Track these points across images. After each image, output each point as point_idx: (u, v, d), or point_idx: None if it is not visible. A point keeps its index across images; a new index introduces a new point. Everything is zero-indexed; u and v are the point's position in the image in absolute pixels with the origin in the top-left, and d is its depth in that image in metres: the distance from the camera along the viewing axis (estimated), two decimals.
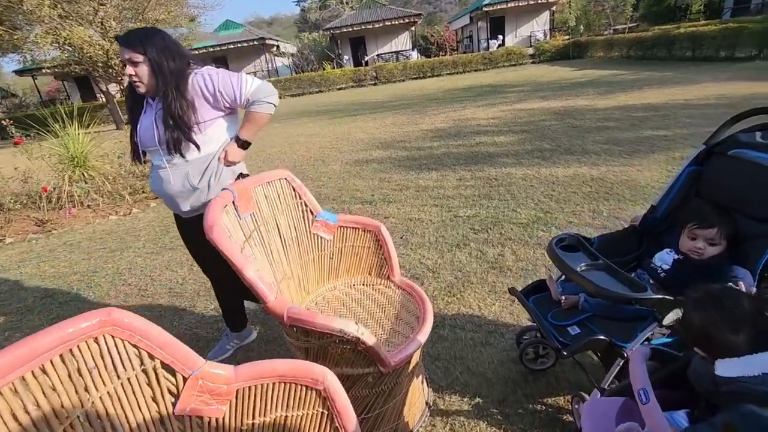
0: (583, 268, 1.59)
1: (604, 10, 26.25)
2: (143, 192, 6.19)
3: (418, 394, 1.89)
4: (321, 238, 2.06)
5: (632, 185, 4.27)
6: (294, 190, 2.00)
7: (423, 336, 1.67)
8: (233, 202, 1.66)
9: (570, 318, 1.73)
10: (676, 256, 1.65)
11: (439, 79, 20.75)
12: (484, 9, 26.97)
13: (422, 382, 1.95)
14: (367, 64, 27.28)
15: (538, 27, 28.50)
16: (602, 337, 1.55)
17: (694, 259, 1.59)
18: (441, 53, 28.97)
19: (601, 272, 1.57)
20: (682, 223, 1.67)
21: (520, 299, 1.89)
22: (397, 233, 3.90)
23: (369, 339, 1.40)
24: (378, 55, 28.92)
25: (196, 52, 26.39)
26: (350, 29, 27.81)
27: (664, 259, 1.68)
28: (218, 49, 27.38)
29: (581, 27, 26.76)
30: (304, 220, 2.04)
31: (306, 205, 2.02)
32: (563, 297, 1.79)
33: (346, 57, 29.14)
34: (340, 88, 21.78)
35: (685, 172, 1.82)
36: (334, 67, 25.04)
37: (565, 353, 1.54)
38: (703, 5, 24.73)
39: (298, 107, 16.23)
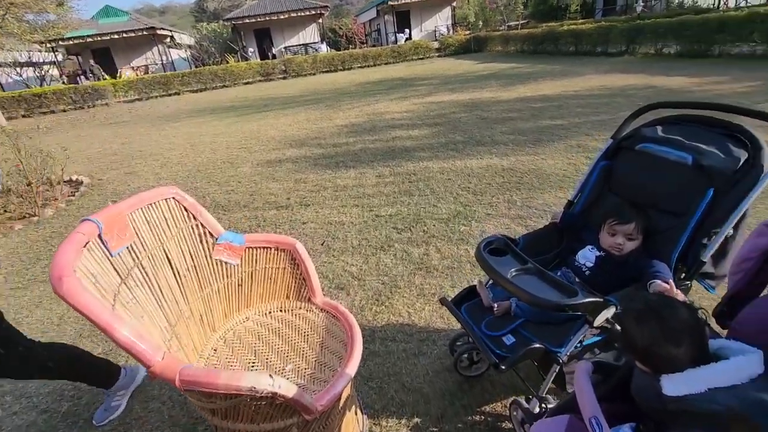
0: (514, 274, 1.52)
1: (498, 7, 28.10)
2: (4, 211, 5.12)
3: (352, 427, 1.70)
4: (226, 263, 1.75)
5: (539, 174, 4.50)
6: (186, 210, 1.67)
7: (352, 368, 1.48)
8: (99, 236, 1.30)
9: (504, 326, 1.66)
10: (598, 253, 1.66)
11: (351, 72, 20.54)
12: (390, 3, 27.29)
13: (356, 413, 1.76)
14: (274, 57, 26.05)
15: (441, 21, 29.64)
16: (538, 345, 1.50)
17: (615, 255, 1.61)
18: (351, 46, 28.76)
19: (532, 277, 1.51)
20: (602, 219, 1.68)
21: (452, 310, 1.79)
22: (317, 239, 3.65)
23: (288, 390, 1.17)
24: (286, 48, 27.81)
25: (71, 42, 22.94)
26: (254, 20, 26.31)
27: (587, 256, 1.68)
28: (99, 39, 24.11)
29: (480, 23, 28.37)
30: (202, 244, 1.71)
31: (203, 226, 1.70)
32: (495, 304, 1.72)
33: (251, 49, 27.54)
34: (247, 83, 20.49)
35: (598, 166, 1.85)
36: (238, 60, 23.50)
37: (503, 367, 1.46)
38: (579, 6, 27.68)
39: (201, 104, 14.92)
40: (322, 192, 4.79)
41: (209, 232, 1.71)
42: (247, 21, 26.33)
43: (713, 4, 17.51)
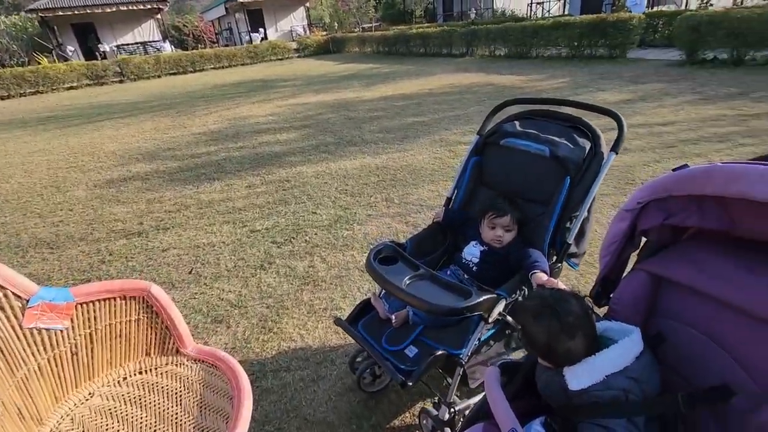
0: (408, 282, 1.46)
1: (351, 9, 28.87)
2: None
3: None
4: (47, 331, 1.32)
5: (411, 170, 4.67)
6: None
7: (243, 426, 1.23)
8: None
9: (404, 337, 1.59)
10: (482, 248, 1.71)
11: (203, 74, 18.79)
12: (240, 1, 25.75)
13: None
14: (105, 57, 22.31)
15: (297, 22, 29.17)
16: (440, 352, 1.46)
17: (497, 248, 1.67)
18: (200, 46, 26.31)
19: (426, 283, 1.47)
20: (481, 214, 1.73)
21: (348, 330, 1.66)
22: (183, 268, 3.15)
23: None
24: (119, 47, 24.09)
25: None
26: (71, 12, 22.11)
27: (472, 252, 1.72)
28: None
29: (335, 24, 28.77)
30: (4, 312, 1.25)
31: (1, 287, 1.24)
32: (392, 315, 1.64)
33: (71, 48, 23.13)
34: (70, 87, 17.09)
35: (469, 163, 1.91)
36: (54, 61, 19.49)
37: (410, 384, 1.39)
38: (423, 11, 30.19)
39: (5, 115, 11.92)
40: (184, 211, 4.19)
41: (13, 293, 1.25)
42: (61, 14, 22.02)
43: (527, 14, 20.78)
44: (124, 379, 1.48)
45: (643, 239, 1.11)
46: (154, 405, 1.37)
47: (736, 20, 8.04)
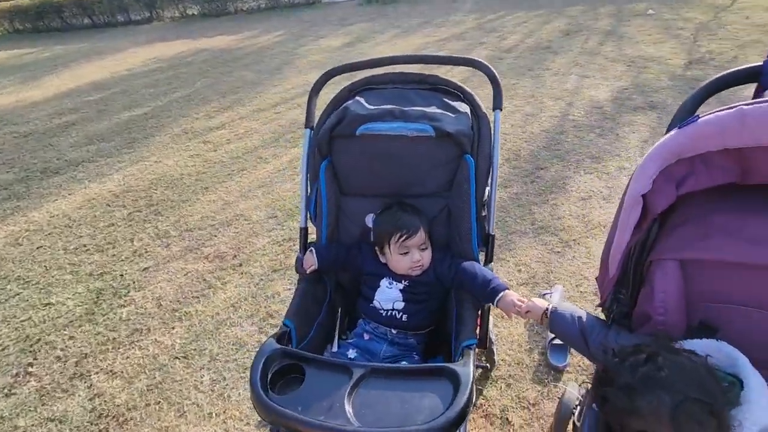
0: (353, 412, 0.88)
1: None
2: None
3: None
4: None
5: (167, 183, 3.52)
6: None
7: None
8: None
9: None
10: (401, 285, 1.22)
11: None
12: None
13: None
14: None
15: None
16: None
17: (422, 277, 1.22)
18: None
19: (377, 392, 0.92)
20: (380, 240, 1.22)
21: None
22: None
23: None
24: None
25: None
26: None
27: (390, 296, 1.22)
28: None
29: None
30: None
31: None
32: None
33: None
34: None
35: (321, 171, 1.31)
36: None
37: None
38: None
39: None
40: None
41: None
42: None
43: None
44: None
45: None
46: None
47: None
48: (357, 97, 1.31)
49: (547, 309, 0.98)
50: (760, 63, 0.88)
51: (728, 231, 0.78)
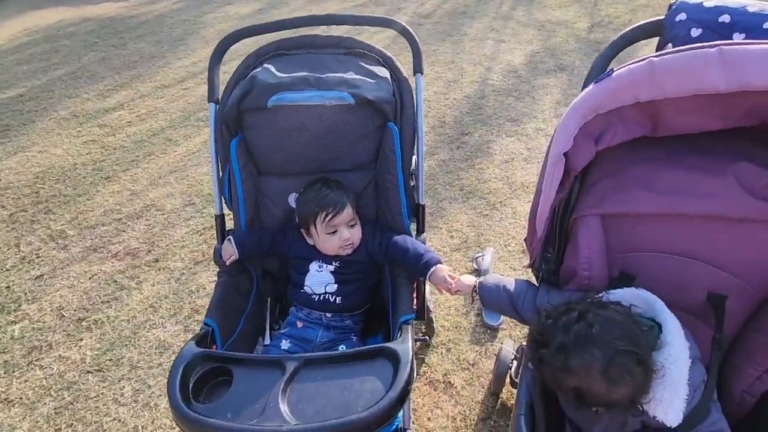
0: (287, 409, 0.82)
1: None
2: None
3: None
4: None
5: (58, 175, 3.06)
6: None
7: None
8: None
9: None
10: (332, 267, 1.14)
11: None
12: None
13: None
14: None
15: None
16: None
17: (351, 257, 1.15)
18: None
19: (313, 385, 0.86)
20: (305, 222, 1.12)
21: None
22: None
23: None
24: None
25: None
26: None
27: (322, 280, 1.14)
28: None
29: None
30: None
31: None
32: None
33: None
34: None
35: (232, 149, 1.16)
36: None
37: None
38: None
39: None
40: None
41: None
42: None
43: None
44: None
45: None
46: None
47: None
48: (266, 65, 1.17)
49: (474, 285, 0.98)
50: (662, 17, 0.90)
51: (642, 184, 0.81)
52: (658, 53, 0.72)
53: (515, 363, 1.39)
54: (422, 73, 1.18)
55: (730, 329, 0.83)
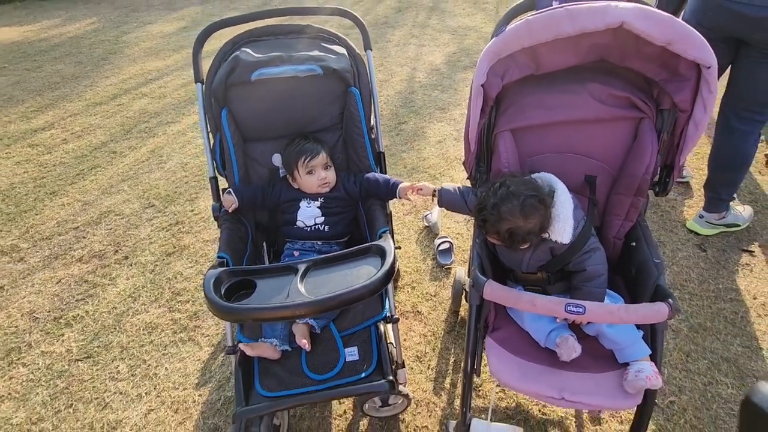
0: (306, 290, 1.07)
1: None
2: None
3: None
4: None
5: None
6: None
7: None
8: None
9: (331, 350, 1.22)
10: (317, 203, 1.40)
11: None
12: None
13: None
14: None
15: None
16: (372, 327, 1.23)
17: (332, 193, 1.42)
18: None
19: (321, 274, 1.12)
20: (288, 167, 1.38)
21: (259, 410, 1.10)
22: None
23: None
24: None
25: None
26: None
27: (311, 213, 1.39)
28: None
29: None
30: None
31: None
32: (301, 341, 1.19)
33: None
34: None
35: (223, 118, 1.39)
36: None
37: (397, 379, 1.14)
38: None
39: None
40: None
41: None
42: None
43: None
44: None
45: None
46: None
47: None
48: (243, 48, 1.42)
49: (435, 189, 1.30)
50: None
51: (534, 105, 1.19)
52: (531, 14, 1.11)
53: (467, 284, 1.73)
54: (371, 49, 1.50)
55: (600, 196, 1.24)
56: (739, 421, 0.50)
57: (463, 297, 1.79)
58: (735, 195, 2.15)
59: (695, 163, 2.68)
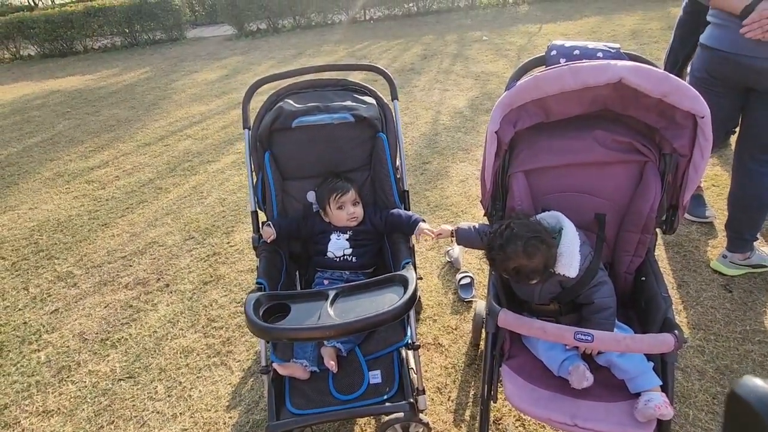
0: (335, 314, 1.18)
1: None
2: None
3: None
4: None
5: (54, 226, 3.25)
6: None
7: None
8: None
9: (355, 372, 1.31)
10: (346, 236, 1.54)
11: None
12: None
13: None
14: None
15: None
16: (395, 352, 1.32)
17: (360, 227, 1.56)
18: None
19: (349, 300, 1.23)
20: (321, 203, 1.54)
21: (290, 426, 1.19)
22: None
23: None
24: None
25: None
26: None
27: (340, 245, 1.53)
28: None
29: None
30: None
31: None
32: (329, 363, 1.29)
33: None
34: None
35: (267, 161, 1.58)
36: None
37: (419, 402, 1.21)
38: None
39: None
40: None
41: None
42: None
43: (32, 2, 16.51)
44: None
45: None
46: None
47: None
48: (286, 99, 1.63)
49: (452, 229, 1.42)
50: (543, 54, 1.46)
51: (545, 149, 1.31)
52: (539, 71, 1.25)
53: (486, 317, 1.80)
54: (398, 99, 1.69)
55: (610, 233, 1.32)
56: (724, 416, 0.51)
57: (483, 330, 1.84)
58: (758, 236, 2.15)
59: (719, 204, 2.69)
